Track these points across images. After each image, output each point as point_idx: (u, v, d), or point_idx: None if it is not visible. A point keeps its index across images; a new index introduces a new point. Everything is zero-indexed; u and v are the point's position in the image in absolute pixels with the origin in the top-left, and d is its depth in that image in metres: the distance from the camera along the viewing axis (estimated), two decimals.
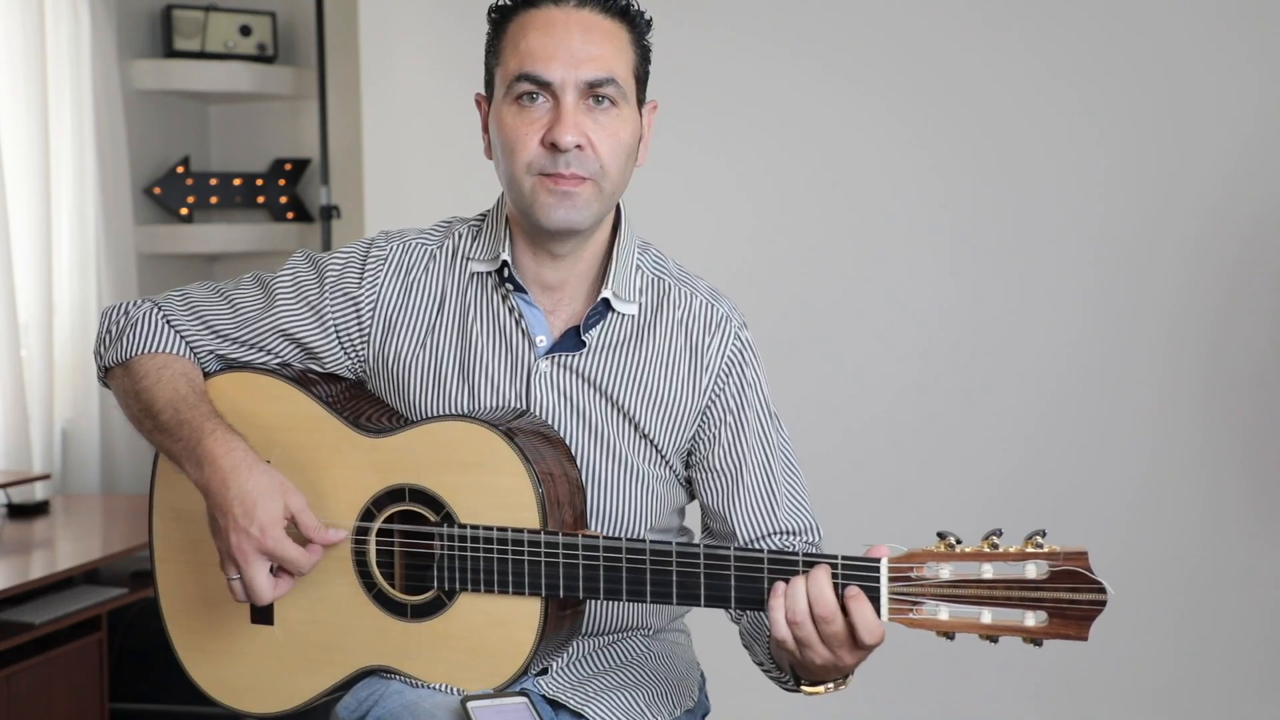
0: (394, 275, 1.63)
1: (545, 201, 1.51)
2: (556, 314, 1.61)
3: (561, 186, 1.50)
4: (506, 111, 1.53)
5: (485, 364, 1.60)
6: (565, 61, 1.50)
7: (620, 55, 1.53)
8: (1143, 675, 3.13)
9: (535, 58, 1.50)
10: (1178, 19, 3.07)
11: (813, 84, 3.28)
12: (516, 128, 1.51)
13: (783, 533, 1.64)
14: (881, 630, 1.37)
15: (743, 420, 1.62)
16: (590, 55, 1.50)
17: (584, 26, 1.51)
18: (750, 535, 1.63)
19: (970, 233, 3.23)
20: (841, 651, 1.38)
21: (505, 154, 1.53)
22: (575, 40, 1.50)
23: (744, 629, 1.62)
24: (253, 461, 1.51)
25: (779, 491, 1.64)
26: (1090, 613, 1.29)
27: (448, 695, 1.52)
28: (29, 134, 3.38)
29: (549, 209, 1.51)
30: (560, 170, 1.50)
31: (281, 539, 1.49)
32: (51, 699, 2.67)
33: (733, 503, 1.63)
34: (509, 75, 1.52)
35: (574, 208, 1.52)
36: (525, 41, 1.51)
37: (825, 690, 1.45)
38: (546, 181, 1.51)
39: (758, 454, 1.63)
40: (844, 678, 1.45)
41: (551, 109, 1.51)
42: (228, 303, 1.65)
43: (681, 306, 1.62)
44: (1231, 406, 3.09)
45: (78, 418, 3.61)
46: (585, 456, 1.59)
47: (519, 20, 1.53)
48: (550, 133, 1.50)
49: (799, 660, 1.42)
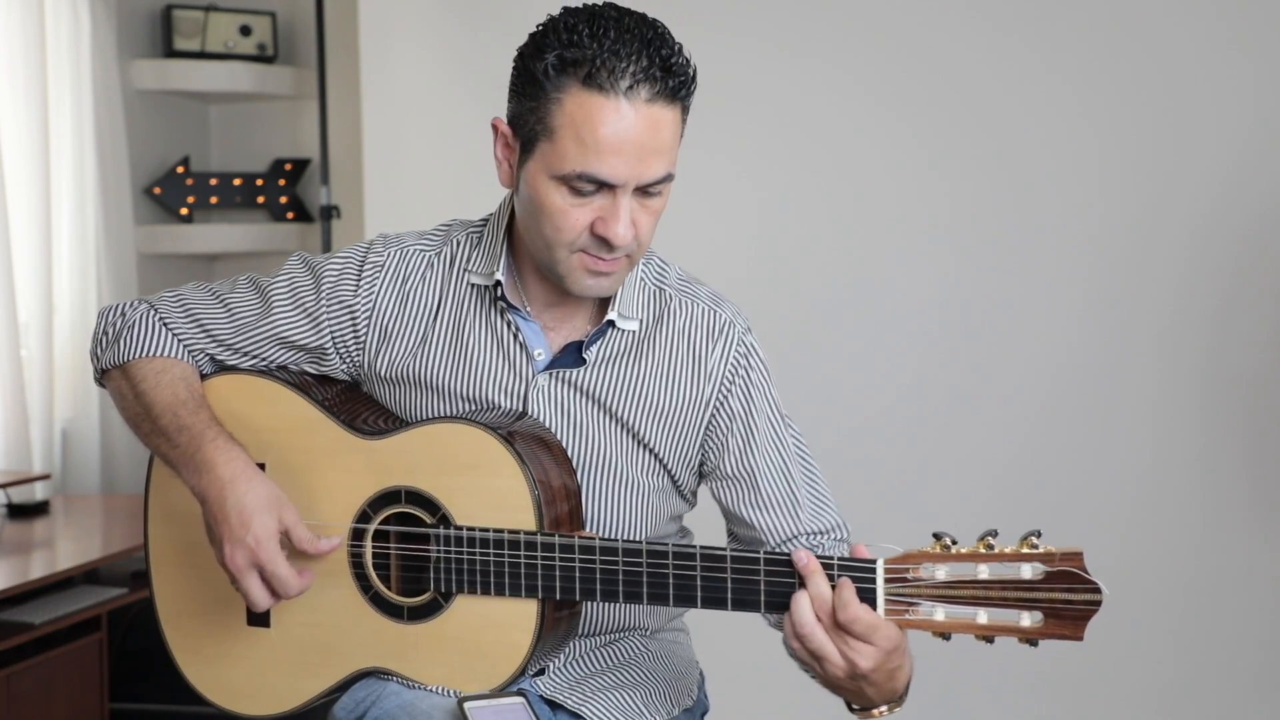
0: (390, 282, 1.62)
1: (582, 277, 1.50)
2: (557, 330, 1.61)
3: (602, 269, 1.49)
4: (554, 190, 1.45)
5: (481, 376, 1.59)
6: (631, 166, 1.42)
7: (676, 141, 1.47)
8: (1142, 675, 3.13)
9: (603, 161, 1.41)
10: (1176, 19, 3.06)
11: (814, 84, 3.28)
12: (566, 212, 1.45)
13: (809, 533, 1.63)
14: (871, 618, 1.35)
15: (752, 424, 1.62)
16: (655, 158, 1.43)
17: (652, 124, 1.42)
18: (776, 539, 1.62)
19: (971, 233, 3.23)
20: (855, 657, 1.37)
21: (546, 225, 1.48)
22: (644, 143, 1.42)
23: None
24: (251, 472, 1.51)
25: (799, 493, 1.63)
26: (1086, 613, 1.29)
27: (444, 697, 1.52)
28: (29, 134, 3.39)
29: (586, 284, 1.50)
30: (605, 258, 1.48)
31: (275, 554, 1.48)
32: (51, 699, 2.67)
33: (754, 508, 1.62)
34: (566, 165, 1.43)
35: (610, 282, 1.52)
36: (593, 137, 1.41)
37: (879, 714, 1.44)
38: (588, 260, 1.48)
39: (772, 457, 1.62)
40: (898, 699, 1.43)
41: (605, 199, 1.45)
42: (224, 307, 1.64)
43: (683, 316, 1.61)
44: (1231, 406, 3.09)
45: (78, 418, 3.61)
46: (582, 470, 1.59)
47: (581, 101, 1.41)
48: (603, 226, 1.45)
49: (825, 679, 1.41)
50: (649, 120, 1.42)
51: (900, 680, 1.42)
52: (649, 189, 1.46)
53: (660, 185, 1.47)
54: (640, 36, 1.41)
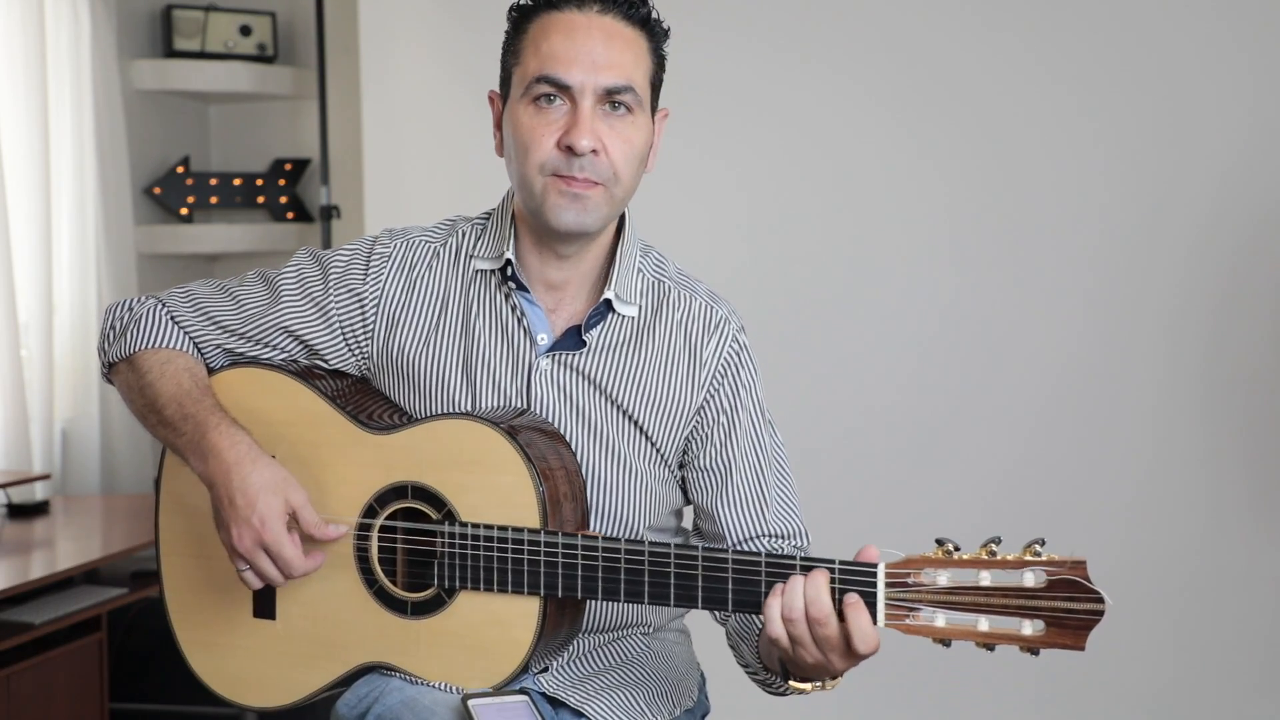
0: (398, 272, 1.64)
1: (557, 202, 1.53)
2: (558, 313, 1.62)
3: (574, 189, 1.52)
4: (523, 111, 1.53)
5: (487, 360, 1.61)
6: (586, 66, 1.51)
7: (639, 63, 1.55)
8: (1143, 676, 3.13)
9: (556, 61, 1.51)
10: (1176, 20, 3.07)
11: (812, 85, 3.28)
12: (533, 128, 1.52)
13: (771, 535, 1.65)
14: (876, 641, 1.37)
15: (735, 422, 1.64)
16: (610, 62, 1.52)
17: (606, 33, 1.52)
18: (739, 536, 1.64)
19: (970, 234, 3.23)
20: (833, 655, 1.38)
21: (519, 153, 1.54)
22: (597, 46, 1.52)
23: (731, 629, 1.62)
24: (256, 455, 1.52)
25: (769, 494, 1.65)
26: (1088, 622, 1.29)
27: (447, 693, 1.52)
28: (29, 134, 3.39)
29: (560, 210, 1.53)
30: (574, 173, 1.51)
31: (281, 534, 1.49)
32: (51, 699, 2.67)
33: (723, 503, 1.64)
34: (528, 76, 1.53)
35: (585, 210, 1.53)
36: (547, 44, 1.52)
37: (813, 689, 1.46)
38: (559, 183, 1.52)
39: (749, 456, 1.64)
40: (832, 678, 1.44)
41: (568, 112, 1.52)
42: (232, 299, 1.66)
43: (681, 308, 1.64)
44: (1231, 406, 3.09)
45: (78, 418, 3.61)
46: (584, 454, 1.60)
47: (540, 21, 1.54)
48: (566, 135, 1.51)
49: (790, 657, 1.42)
50: (603, 29, 1.52)
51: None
52: (614, 99, 1.52)
53: (623, 97, 1.52)
54: None
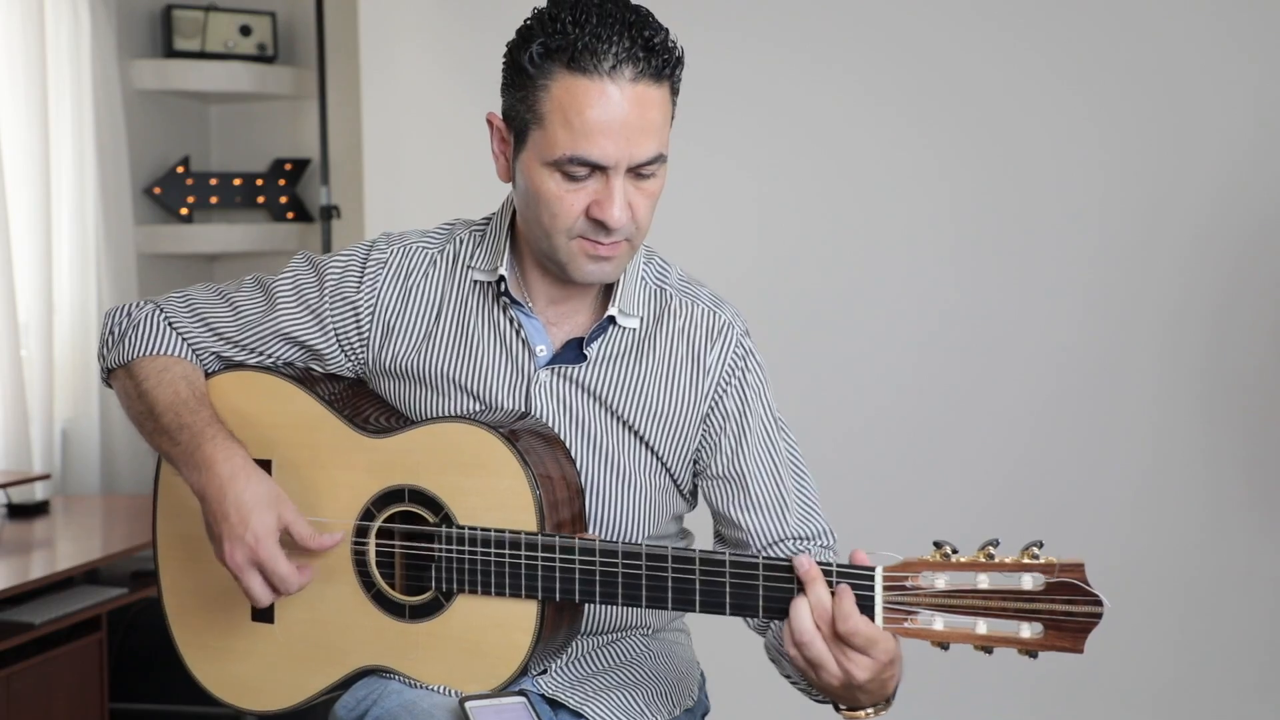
0: (393, 279, 1.63)
1: (584, 264, 1.51)
2: (559, 326, 1.61)
3: (602, 253, 1.50)
4: (548, 177, 1.47)
5: (484, 371, 1.60)
6: (621, 145, 1.44)
7: (665, 120, 1.48)
8: (1143, 676, 3.13)
9: (591, 142, 1.43)
10: (1178, 20, 3.06)
11: (815, 84, 3.28)
12: (561, 197, 1.47)
13: (795, 538, 1.62)
14: (871, 631, 1.35)
15: (745, 427, 1.62)
16: (644, 137, 1.45)
17: (639, 105, 1.44)
18: (762, 542, 1.62)
19: (972, 234, 3.23)
20: (852, 669, 1.36)
21: (543, 214, 1.49)
22: (631, 122, 1.43)
23: (769, 643, 1.60)
24: (249, 470, 1.52)
25: (788, 497, 1.63)
26: (1086, 625, 1.28)
27: (445, 696, 1.52)
28: (29, 134, 3.39)
29: (587, 270, 1.51)
30: (602, 240, 1.49)
31: (274, 552, 1.49)
32: (51, 699, 2.67)
33: (743, 510, 1.62)
34: (557, 150, 1.44)
35: (611, 267, 1.52)
36: (580, 119, 1.42)
37: (866, 716, 1.44)
38: (587, 246, 1.49)
39: (763, 460, 1.62)
40: (885, 702, 1.43)
41: (599, 183, 1.46)
42: (229, 305, 1.65)
43: (683, 316, 1.62)
44: (1231, 406, 3.09)
45: (78, 418, 3.61)
46: (584, 466, 1.59)
47: (567, 86, 1.43)
48: (599, 209, 1.46)
49: (818, 685, 1.41)
50: (635, 99, 1.43)
51: (891, 685, 1.42)
52: (642, 170, 1.47)
53: (653, 166, 1.48)
54: (621, 20, 1.43)
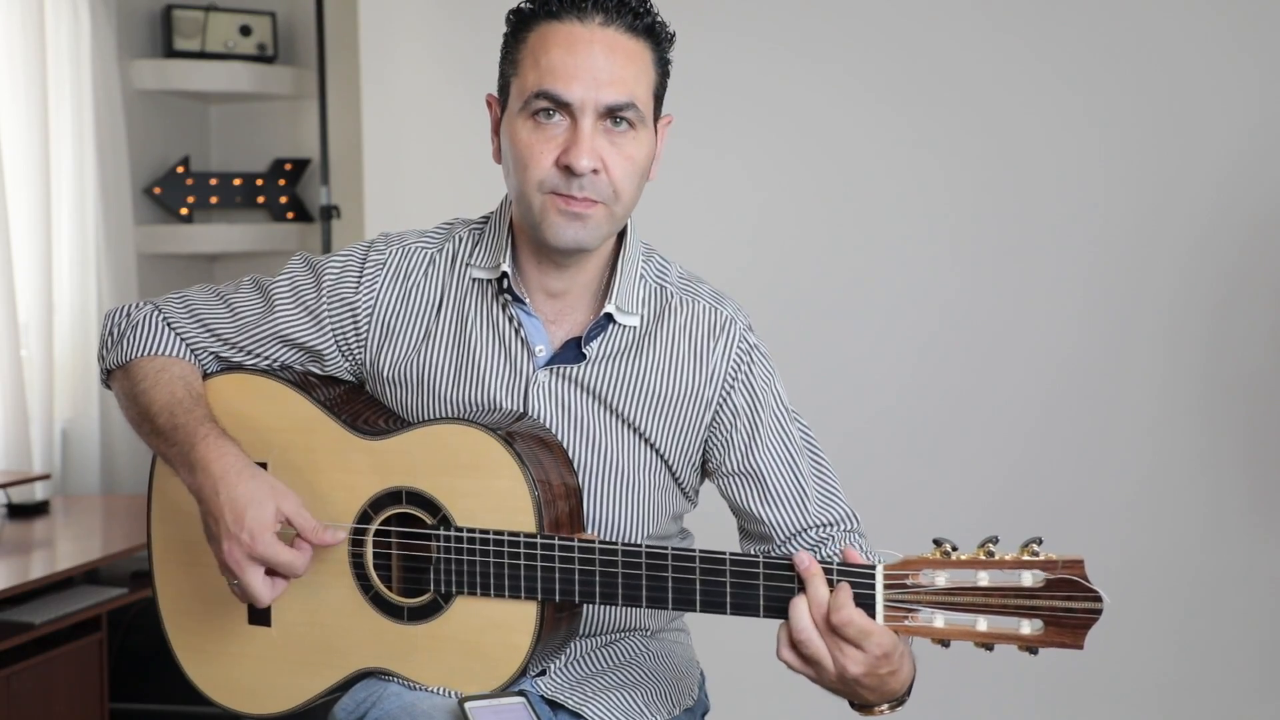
0: (392, 280, 1.62)
1: (555, 221, 1.50)
2: (558, 324, 1.61)
3: (573, 208, 1.49)
4: (521, 126, 1.49)
5: (483, 371, 1.59)
6: (587, 83, 1.46)
7: (642, 77, 1.50)
8: (1143, 676, 3.13)
9: (556, 76, 1.46)
10: (1178, 20, 3.06)
11: (816, 84, 3.27)
12: (531, 144, 1.48)
13: (818, 526, 1.62)
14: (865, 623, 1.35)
15: (756, 421, 1.61)
16: (613, 78, 1.47)
17: (608, 47, 1.47)
18: (785, 534, 1.61)
19: (972, 233, 3.23)
20: (844, 662, 1.36)
21: (517, 168, 1.51)
22: (599, 61, 1.46)
23: None
24: (243, 467, 1.51)
25: (807, 485, 1.62)
26: (1086, 621, 1.29)
27: (445, 698, 1.52)
28: (29, 134, 3.39)
29: (559, 228, 1.50)
30: (573, 192, 1.48)
31: (272, 544, 1.48)
32: (51, 699, 2.67)
33: (762, 504, 1.62)
34: (526, 89, 1.48)
35: (584, 229, 1.50)
36: (546, 57, 1.47)
37: (880, 713, 1.44)
38: (558, 201, 1.49)
39: (778, 452, 1.62)
40: (899, 699, 1.43)
41: (568, 129, 1.48)
42: (227, 307, 1.65)
43: (684, 313, 1.61)
44: (1231, 407, 3.09)
45: (78, 418, 3.61)
46: (583, 466, 1.59)
47: (540, 31, 1.49)
48: (566, 154, 1.47)
49: (818, 681, 1.41)
50: (605, 43, 1.47)
51: (897, 682, 1.41)
52: (615, 117, 1.48)
53: (626, 116, 1.48)
54: None
